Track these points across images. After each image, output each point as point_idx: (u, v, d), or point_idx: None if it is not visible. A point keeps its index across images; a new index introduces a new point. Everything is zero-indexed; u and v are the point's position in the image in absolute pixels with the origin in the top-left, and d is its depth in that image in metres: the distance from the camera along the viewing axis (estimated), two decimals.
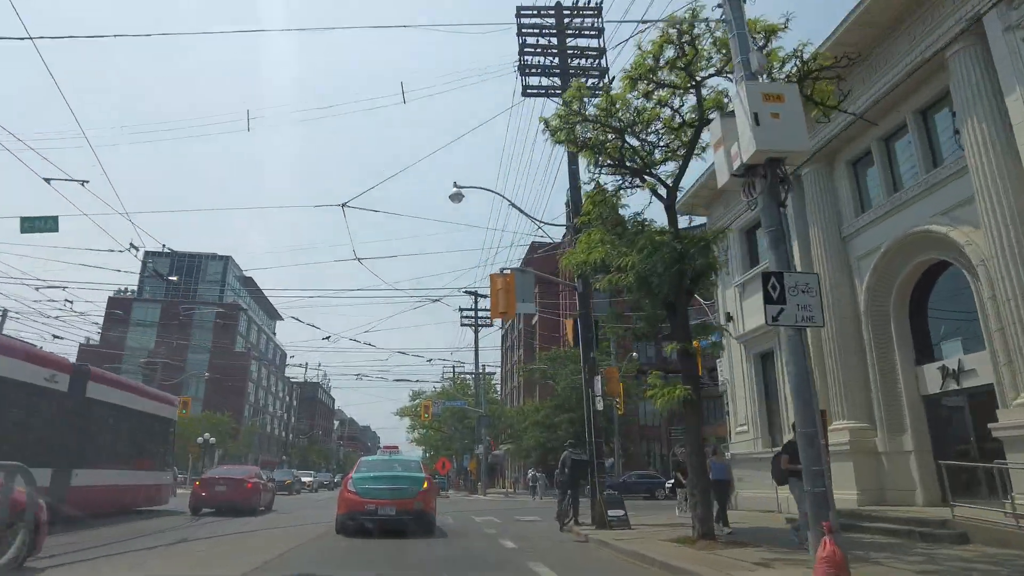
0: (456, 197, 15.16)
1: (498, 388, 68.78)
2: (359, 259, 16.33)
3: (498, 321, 71.50)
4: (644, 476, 35.37)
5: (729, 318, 19.07)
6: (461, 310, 45.78)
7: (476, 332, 45.09)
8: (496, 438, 47.95)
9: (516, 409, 49.90)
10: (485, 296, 46.82)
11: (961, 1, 11.07)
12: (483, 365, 48.12)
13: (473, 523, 15.75)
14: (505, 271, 14.81)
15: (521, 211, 15.37)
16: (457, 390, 52.32)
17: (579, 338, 14.98)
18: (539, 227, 16.06)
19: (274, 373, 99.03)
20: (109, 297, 78.73)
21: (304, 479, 44.44)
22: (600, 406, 14.02)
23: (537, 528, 14.58)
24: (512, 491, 43.30)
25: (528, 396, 55.28)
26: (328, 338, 28.44)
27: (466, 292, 45.76)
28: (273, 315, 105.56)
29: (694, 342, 10.75)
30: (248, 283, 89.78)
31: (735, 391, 18.97)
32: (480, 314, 45.70)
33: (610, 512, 12.35)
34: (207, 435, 49.42)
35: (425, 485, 12.23)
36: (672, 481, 18.99)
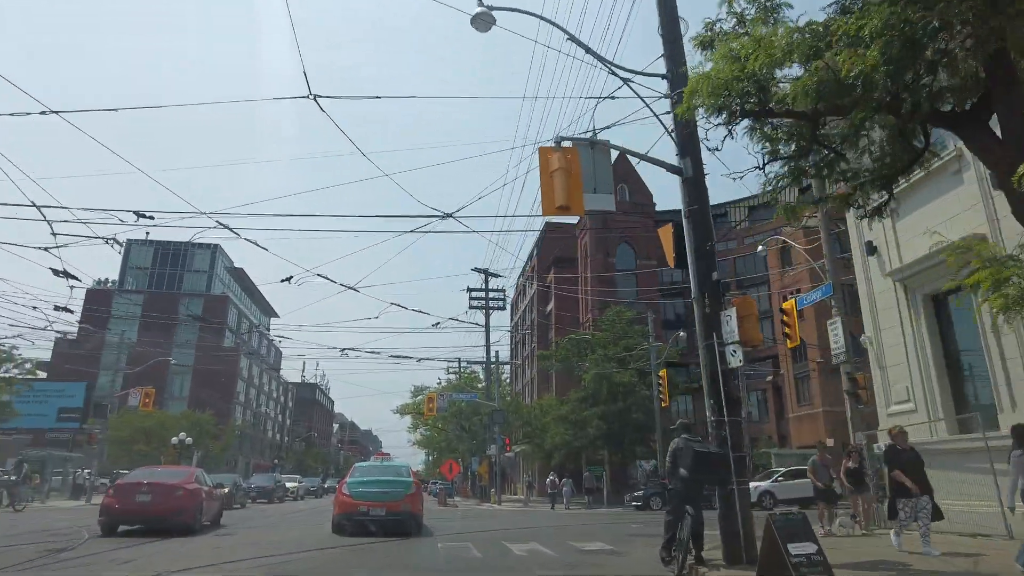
0: (481, 21, 9.30)
1: (508, 383, 62.74)
2: (314, 96, 10.40)
3: (507, 311, 65.11)
4: None
5: (872, 249, 13.19)
6: (470, 290, 39.87)
7: (487, 314, 39.21)
8: (510, 437, 41.86)
9: (535, 404, 43.84)
10: (496, 276, 40.85)
11: None
12: (495, 351, 42.08)
13: (512, 558, 9.78)
14: (564, 142, 8.99)
15: (587, 48, 9.39)
16: (465, 382, 46.25)
17: (685, 254, 9.10)
18: (613, 72, 9.80)
19: (268, 372, 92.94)
20: (88, 290, 73.15)
21: (288, 485, 38.43)
22: (739, 360, 8.09)
23: (624, 569, 8.65)
24: (529, 498, 37.35)
25: (544, 391, 49.36)
26: (290, 279, 21.33)
27: (475, 270, 40.01)
28: (268, 311, 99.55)
29: None
30: (239, 275, 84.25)
31: (884, 355, 13.04)
32: (491, 295, 39.85)
33: (793, 548, 6.41)
34: (183, 435, 43.29)
35: (412, 489, 13.33)
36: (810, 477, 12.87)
